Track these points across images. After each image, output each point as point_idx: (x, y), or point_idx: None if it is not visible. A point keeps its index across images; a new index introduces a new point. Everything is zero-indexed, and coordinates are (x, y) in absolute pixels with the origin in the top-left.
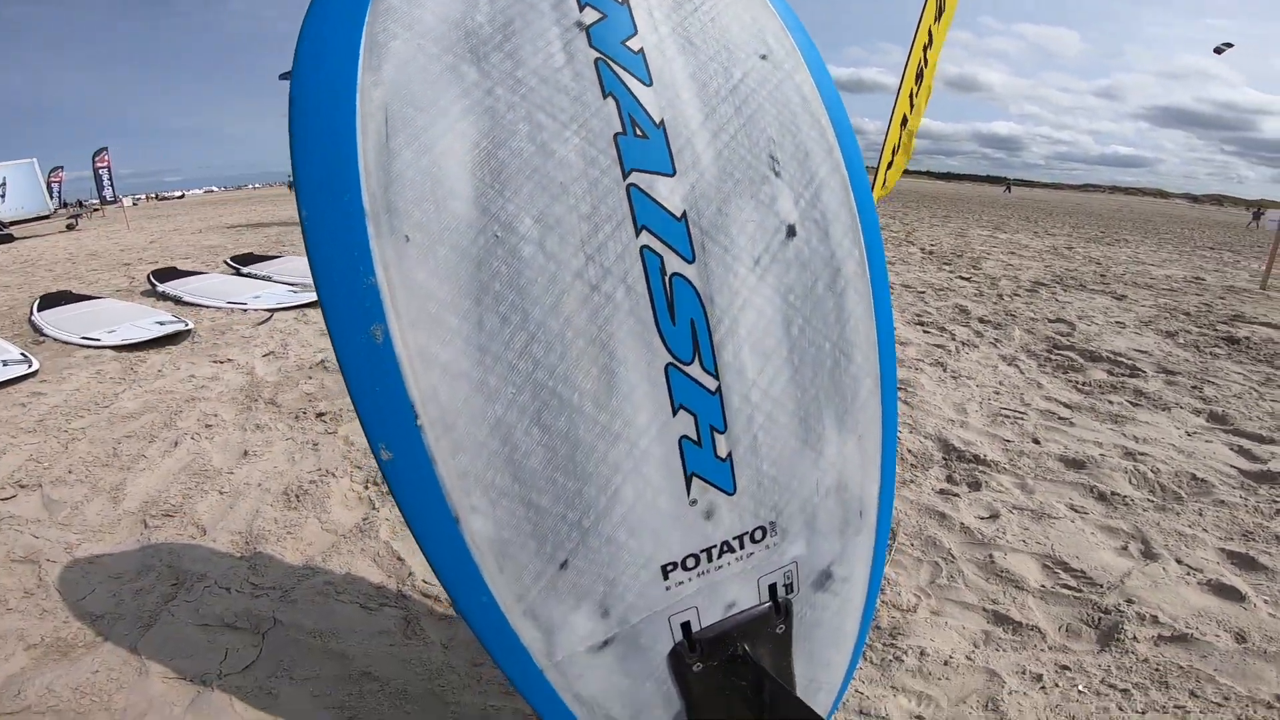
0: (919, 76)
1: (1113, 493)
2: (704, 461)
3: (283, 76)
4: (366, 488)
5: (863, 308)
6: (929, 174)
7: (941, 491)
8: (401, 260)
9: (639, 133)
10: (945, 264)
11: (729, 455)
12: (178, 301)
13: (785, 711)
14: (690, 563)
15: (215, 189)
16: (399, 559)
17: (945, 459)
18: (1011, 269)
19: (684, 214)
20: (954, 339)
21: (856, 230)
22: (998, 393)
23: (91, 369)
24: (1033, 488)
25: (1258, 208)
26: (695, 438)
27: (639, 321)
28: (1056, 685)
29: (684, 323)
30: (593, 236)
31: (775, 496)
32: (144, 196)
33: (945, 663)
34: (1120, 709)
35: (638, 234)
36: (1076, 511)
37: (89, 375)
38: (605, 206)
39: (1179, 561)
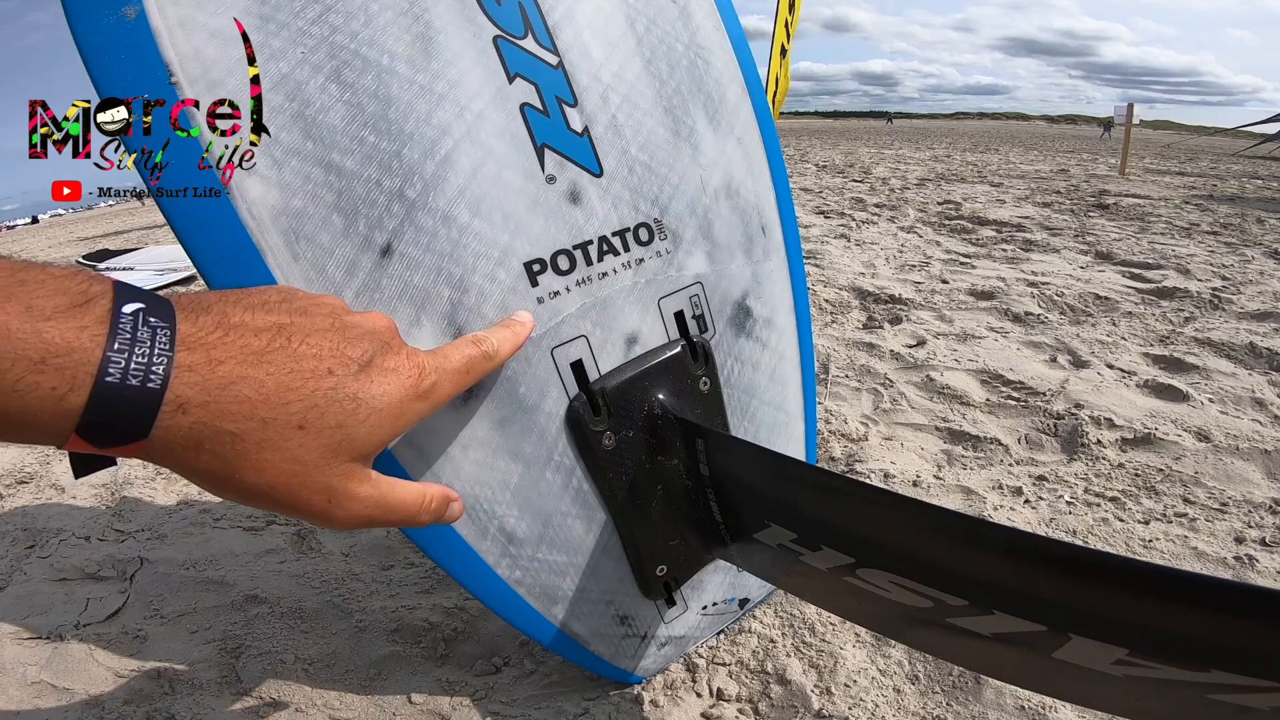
0: (791, 5)
1: (1026, 313)
2: (555, 133)
3: None
4: None
5: (711, 22)
6: (816, 114)
7: (864, 327)
8: None
9: None
10: (839, 173)
11: (585, 131)
12: None
13: (729, 465)
14: (563, 262)
15: (62, 212)
16: None
17: (862, 303)
18: (899, 172)
19: None
20: (854, 220)
21: None
22: (901, 251)
23: None
24: (950, 317)
25: (1107, 122)
26: (540, 106)
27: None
28: (1041, 498)
29: (511, 4)
30: None
31: (654, 188)
32: None
33: (914, 484)
34: (1120, 519)
35: None
36: (997, 332)
37: None
38: None
39: (1110, 366)
